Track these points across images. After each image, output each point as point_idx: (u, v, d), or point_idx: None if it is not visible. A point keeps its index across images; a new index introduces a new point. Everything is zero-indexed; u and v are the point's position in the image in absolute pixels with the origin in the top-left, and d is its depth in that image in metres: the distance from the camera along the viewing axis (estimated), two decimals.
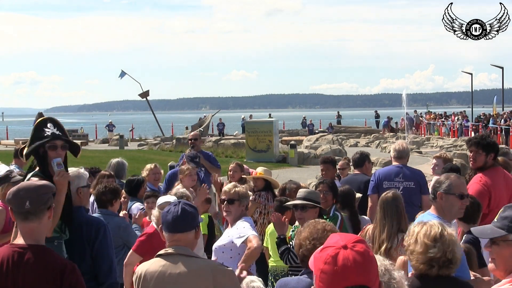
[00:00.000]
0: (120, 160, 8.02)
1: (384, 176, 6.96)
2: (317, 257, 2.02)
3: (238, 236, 4.93)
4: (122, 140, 33.88)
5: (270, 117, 36.35)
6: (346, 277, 1.94)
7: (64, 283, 3.05)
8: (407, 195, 6.77)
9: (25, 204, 3.11)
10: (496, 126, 32.68)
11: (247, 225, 5.01)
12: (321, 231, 3.61)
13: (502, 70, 41.72)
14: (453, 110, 52.13)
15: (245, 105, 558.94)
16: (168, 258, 3.42)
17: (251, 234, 4.90)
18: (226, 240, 5.03)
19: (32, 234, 3.13)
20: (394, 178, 6.92)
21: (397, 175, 6.93)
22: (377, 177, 6.98)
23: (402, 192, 6.80)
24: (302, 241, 3.58)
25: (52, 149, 4.22)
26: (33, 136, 4.26)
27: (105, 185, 5.86)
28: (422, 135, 41.49)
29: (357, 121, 65.35)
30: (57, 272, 3.05)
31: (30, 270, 3.04)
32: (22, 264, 3.05)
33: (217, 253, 5.04)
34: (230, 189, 5.19)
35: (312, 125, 45.89)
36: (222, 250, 5.00)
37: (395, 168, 7.04)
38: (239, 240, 4.89)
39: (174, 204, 3.51)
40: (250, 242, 4.82)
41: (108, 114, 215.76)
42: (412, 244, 3.03)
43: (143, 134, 47.15)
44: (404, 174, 6.96)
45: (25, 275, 3.04)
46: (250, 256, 4.81)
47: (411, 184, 6.90)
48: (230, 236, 5.03)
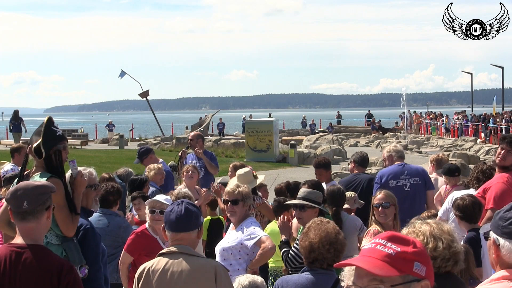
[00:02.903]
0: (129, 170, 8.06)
1: (390, 175, 7.03)
2: (419, 250, 1.99)
3: (249, 238, 4.94)
4: (122, 140, 33.87)
5: (270, 117, 36.32)
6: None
7: (61, 283, 3.04)
8: (415, 190, 7.03)
9: (22, 204, 3.11)
10: (496, 126, 32.67)
11: (257, 227, 5.06)
12: (334, 235, 3.65)
13: (502, 70, 41.74)
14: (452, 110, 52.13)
15: (245, 104, 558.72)
16: (171, 257, 3.45)
17: (263, 235, 4.96)
18: (235, 242, 5.02)
19: (30, 234, 3.12)
20: (400, 176, 7.03)
21: (402, 173, 7.06)
22: (382, 177, 7.04)
23: (409, 189, 6.96)
24: (314, 245, 3.60)
25: (65, 149, 4.28)
26: (47, 135, 4.22)
27: (112, 184, 5.89)
28: (422, 134, 41.51)
29: (357, 121, 65.37)
30: (54, 272, 3.05)
31: (27, 270, 3.04)
32: (20, 263, 3.04)
33: (224, 255, 5.03)
34: (233, 190, 5.18)
35: (314, 125, 45.88)
36: (230, 252, 5.00)
37: (398, 166, 7.15)
38: (251, 242, 4.91)
39: (177, 204, 3.53)
40: (264, 243, 4.86)
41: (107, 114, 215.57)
42: (432, 241, 2.85)
43: (143, 134, 47.16)
44: (409, 171, 7.11)
45: (22, 275, 3.04)
46: (264, 256, 4.89)
47: (417, 180, 7.07)
48: (238, 238, 5.02)
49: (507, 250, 2.38)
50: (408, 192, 6.97)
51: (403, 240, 2.00)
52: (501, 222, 2.42)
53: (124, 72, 40.56)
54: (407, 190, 6.98)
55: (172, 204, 3.59)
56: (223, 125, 42.83)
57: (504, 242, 2.39)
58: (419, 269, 1.96)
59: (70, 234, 4.24)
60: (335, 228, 3.71)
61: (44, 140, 4.20)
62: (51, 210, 3.24)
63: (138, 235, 5.22)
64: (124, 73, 40.47)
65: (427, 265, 1.98)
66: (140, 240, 5.16)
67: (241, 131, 40.72)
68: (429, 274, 1.99)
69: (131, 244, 5.20)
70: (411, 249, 1.98)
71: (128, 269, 5.20)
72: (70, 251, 4.21)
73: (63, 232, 4.23)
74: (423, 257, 1.98)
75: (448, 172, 7.42)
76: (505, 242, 2.39)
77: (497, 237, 2.42)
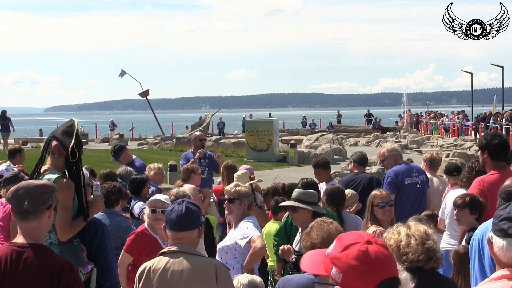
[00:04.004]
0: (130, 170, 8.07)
1: (405, 173, 7.11)
2: (341, 255, 2.00)
3: (242, 237, 4.98)
4: (122, 139, 33.84)
5: (270, 116, 36.31)
6: (381, 271, 1.98)
7: (61, 283, 3.05)
8: (423, 188, 7.20)
9: (23, 204, 3.10)
10: (496, 125, 32.68)
11: (251, 226, 5.06)
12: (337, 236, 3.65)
13: (502, 70, 41.69)
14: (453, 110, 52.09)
15: (245, 104, 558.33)
16: (172, 256, 3.46)
17: (255, 234, 4.96)
18: (231, 241, 5.09)
19: (31, 233, 3.13)
20: (411, 174, 7.15)
21: (412, 170, 7.19)
22: (397, 175, 7.07)
23: (420, 186, 7.15)
24: (316, 245, 3.61)
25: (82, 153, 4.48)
26: (77, 138, 4.38)
27: (114, 184, 5.90)
28: (422, 134, 41.50)
29: (357, 120, 65.35)
30: (54, 271, 3.05)
31: (27, 269, 3.04)
32: (20, 263, 3.05)
33: (221, 253, 5.09)
34: (231, 189, 5.28)
35: (314, 124, 45.86)
36: (226, 251, 5.06)
37: (407, 165, 7.27)
38: (243, 241, 4.95)
39: (178, 203, 3.54)
40: (254, 242, 4.88)
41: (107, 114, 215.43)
42: (405, 239, 3.07)
43: (143, 134, 47.16)
44: (416, 169, 7.27)
45: (23, 274, 3.04)
46: (255, 256, 4.89)
47: (423, 178, 7.25)
48: (234, 237, 5.08)
49: (498, 247, 2.39)
50: (419, 189, 7.14)
51: (344, 242, 2.04)
52: (494, 219, 2.43)
53: (124, 72, 40.54)
54: (418, 187, 7.14)
55: (173, 204, 3.60)
56: (223, 124, 42.83)
57: (496, 239, 2.40)
58: (335, 274, 2.00)
59: (64, 238, 4.24)
60: (337, 229, 3.71)
61: (76, 142, 4.32)
62: (52, 209, 3.24)
63: (138, 235, 5.21)
64: (124, 73, 40.46)
65: (346, 274, 1.98)
66: (140, 240, 5.16)
67: (241, 130, 40.71)
68: (348, 284, 1.97)
69: (131, 244, 5.19)
70: (337, 253, 2.02)
71: (127, 269, 5.20)
72: (67, 254, 4.20)
73: (58, 233, 4.23)
74: (342, 264, 1.99)
75: (447, 172, 7.45)
76: (496, 239, 2.40)
77: (492, 235, 2.43)
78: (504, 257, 2.37)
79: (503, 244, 2.36)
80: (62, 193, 4.16)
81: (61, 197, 4.18)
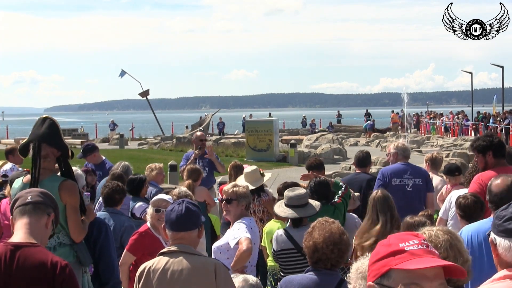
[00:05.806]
0: (128, 164, 8.06)
1: (393, 174, 7.02)
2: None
3: (233, 238, 4.97)
4: (123, 139, 33.87)
5: (270, 116, 36.31)
6: None
7: (56, 281, 3.04)
8: (416, 191, 7.00)
9: (27, 198, 3.16)
10: (496, 125, 32.68)
11: (243, 226, 5.02)
12: (339, 235, 3.65)
13: (502, 69, 41.67)
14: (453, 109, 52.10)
15: (245, 104, 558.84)
16: (171, 256, 3.45)
17: (243, 236, 4.90)
18: (224, 241, 5.10)
19: (27, 230, 3.12)
20: (403, 175, 7.00)
21: (405, 172, 7.03)
22: (385, 175, 7.02)
23: (411, 188, 6.97)
24: (318, 245, 3.61)
25: None
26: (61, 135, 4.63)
27: (117, 183, 5.89)
28: (422, 134, 41.49)
29: (358, 120, 65.35)
30: (48, 270, 3.05)
31: (22, 268, 3.03)
32: (14, 261, 3.04)
33: (215, 254, 5.08)
34: (228, 189, 5.27)
35: (314, 124, 45.87)
36: (220, 251, 5.05)
37: (402, 165, 7.13)
38: (233, 242, 4.94)
39: (178, 203, 3.54)
40: (240, 244, 4.85)
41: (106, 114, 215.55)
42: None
43: (143, 133, 47.19)
44: (412, 171, 7.07)
45: (17, 273, 3.03)
46: (239, 258, 4.83)
47: (419, 181, 7.02)
48: (227, 237, 5.09)
49: (503, 248, 2.36)
50: (409, 192, 6.96)
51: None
52: (497, 220, 2.40)
53: (124, 72, 40.58)
54: (409, 189, 6.97)
55: (173, 203, 3.59)
56: (223, 124, 42.85)
57: (500, 240, 2.38)
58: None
59: (79, 238, 4.32)
60: (339, 229, 3.71)
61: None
62: (51, 219, 3.23)
63: (142, 234, 5.20)
64: (124, 73, 40.49)
65: None
66: (143, 240, 5.15)
67: (241, 130, 40.71)
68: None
69: (133, 244, 5.18)
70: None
71: (129, 269, 5.19)
72: (81, 252, 4.28)
73: (72, 235, 4.30)
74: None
75: (448, 172, 7.42)
76: (501, 240, 2.37)
77: (494, 236, 2.41)
78: (510, 258, 2.35)
79: (510, 245, 2.34)
80: (70, 196, 4.25)
81: (69, 199, 4.25)
